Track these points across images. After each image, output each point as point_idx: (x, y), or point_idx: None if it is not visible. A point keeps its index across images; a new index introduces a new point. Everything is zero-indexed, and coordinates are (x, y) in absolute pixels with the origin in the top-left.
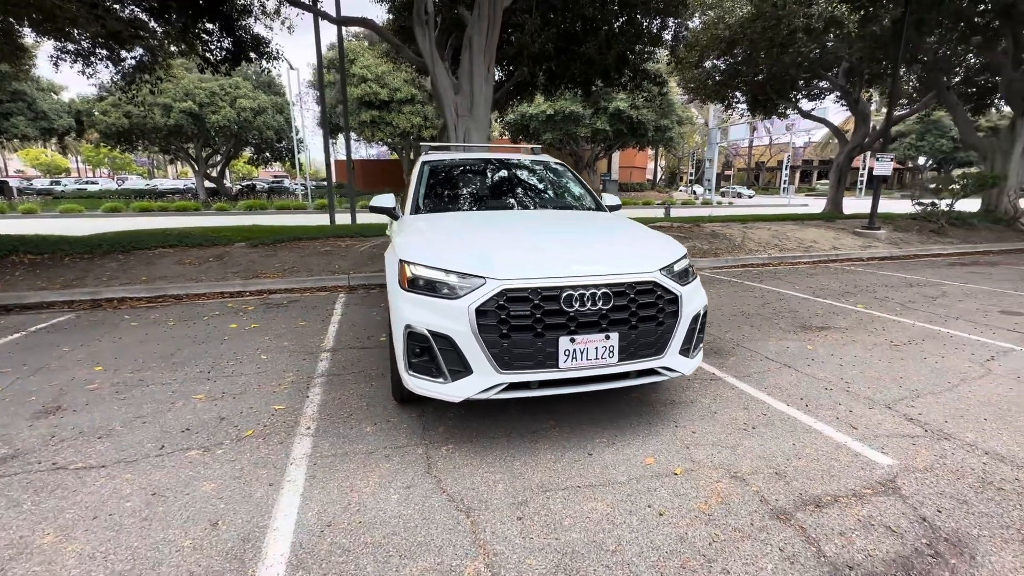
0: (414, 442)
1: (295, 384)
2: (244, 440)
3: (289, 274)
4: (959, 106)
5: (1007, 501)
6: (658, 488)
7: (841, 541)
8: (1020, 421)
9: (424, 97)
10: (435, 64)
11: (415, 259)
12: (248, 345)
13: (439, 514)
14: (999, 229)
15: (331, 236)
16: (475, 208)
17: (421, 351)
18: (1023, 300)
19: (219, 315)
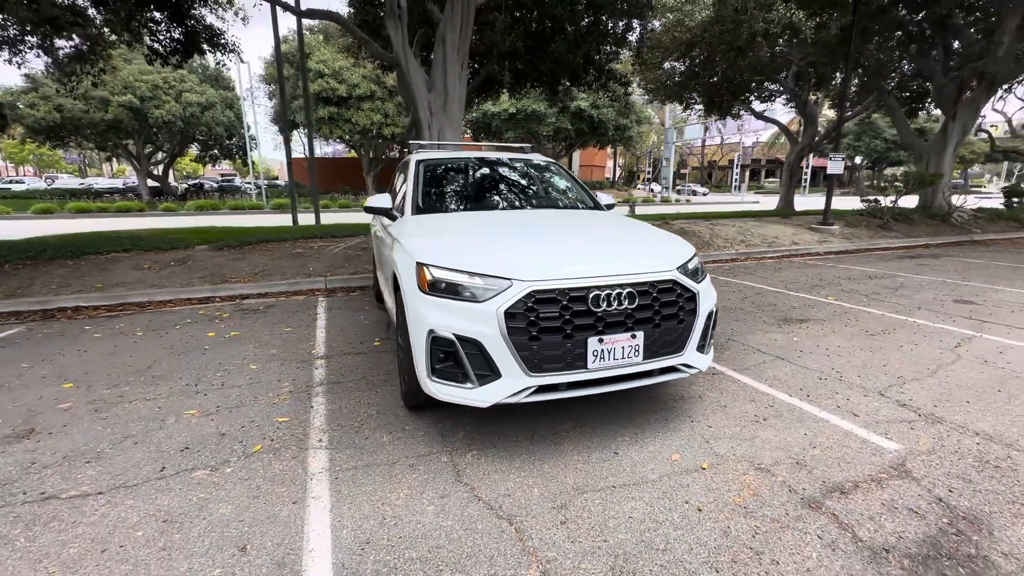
0: (436, 450)
1: (294, 394)
2: (253, 456)
3: (261, 278)
4: (898, 109)
5: (1006, 478)
6: (690, 484)
7: (872, 525)
8: (997, 402)
9: (384, 94)
10: (408, 61)
11: (435, 261)
12: (233, 354)
13: (481, 523)
14: (935, 224)
15: (300, 238)
16: (479, 208)
17: (445, 356)
18: (971, 289)
19: (192, 323)
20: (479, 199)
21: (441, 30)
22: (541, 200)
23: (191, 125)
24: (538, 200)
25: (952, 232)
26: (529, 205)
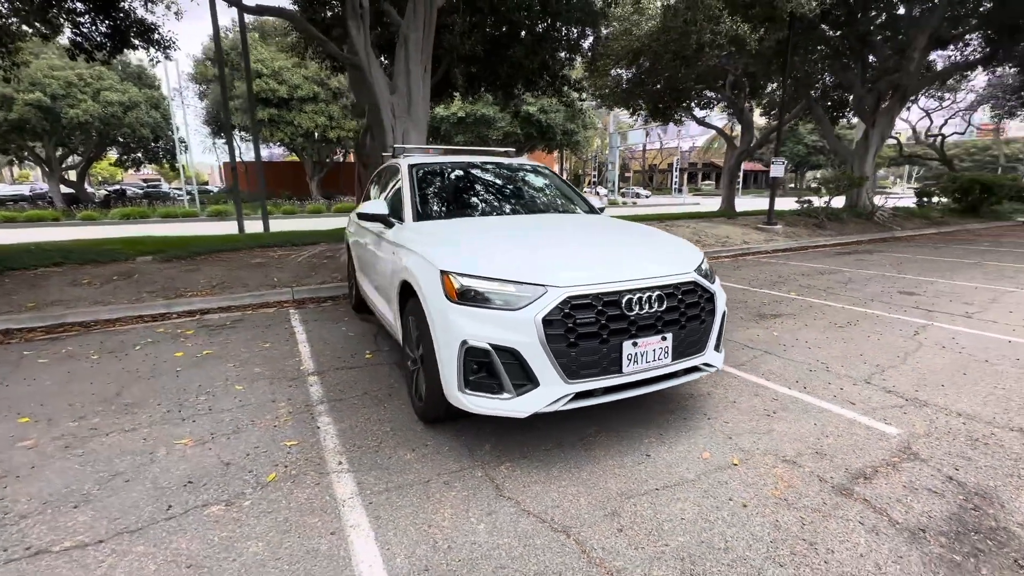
0: (467, 465)
1: (294, 415)
2: (270, 486)
3: (222, 291)
4: (824, 117)
5: (998, 453)
6: (728, 481)
7: (902, 508)
8: (966, 384)
9: (328, 96)
10: (370, 62)
11: (462, 269)
12: (212, 375)
13: (538, 538)
14: (861, 222)
15: (256, 247)
16: (482, 213)
17: (479, 367)
18: (909, 282)
19: (153, 343)
20: (480, 204)
21: (403, 31)
22: (540, 204)
23: (111, 126)
24: (538, 204)
25: (877, 229)
26: (530, 210)
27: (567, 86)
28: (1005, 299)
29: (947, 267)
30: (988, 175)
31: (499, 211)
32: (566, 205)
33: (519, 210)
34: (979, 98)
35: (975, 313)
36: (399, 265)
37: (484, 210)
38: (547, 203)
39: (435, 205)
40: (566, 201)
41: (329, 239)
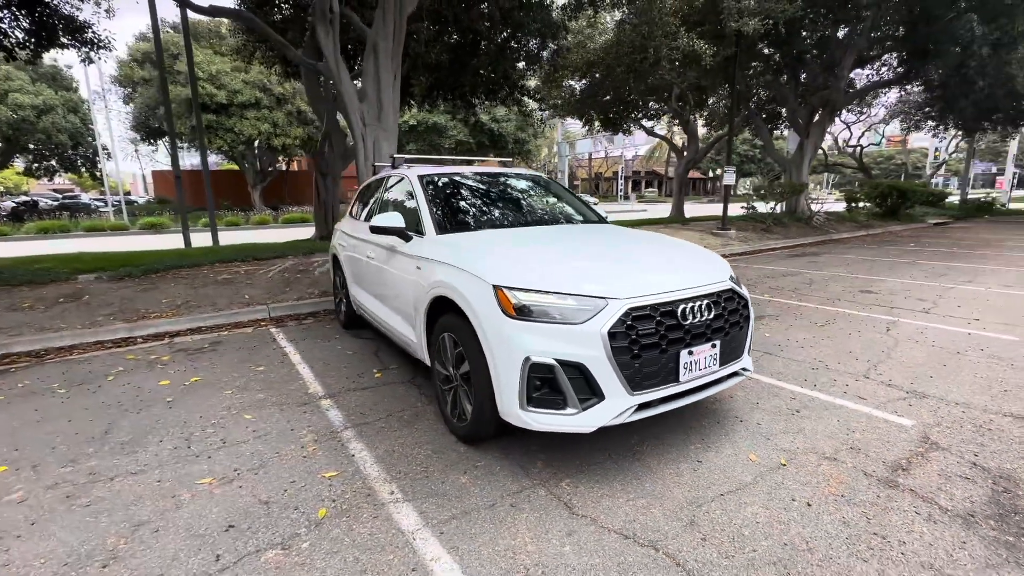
0: (527, 484)
1: (320, 443)
2: (324, 524)
3: (188, 310)
4: (764, 128)
5: (1003, 438)
6: (784, 481)
7: (945, 495)
8: (950, 375)
9: (272, 102)
10: (340, 68)
11: (519, 284)
12: (211, 404)
13: (629, 555)
14: (801, 226)
15: (214, 261)
16: (505, 225)
17: (542, 383)
18: (863, 281)
19: (126, 371)
20: (498, 216)
21: (372, 37)
22: (558, 215)
23: (21, 132)
24: (555, 215)
25: (817, 233)
26: (549, 221)
27: (526, 96)
28: (950, 295)
29: (889, 267)
30: (904, 182)
31: (520, 222)
32: (581, 215)
33: (540, 221)
34: (890, 112)
35: (930, 309)
36: (429, 280)
37: (505, 221)
38: (564, 214)
39: (454, 217)
40: (578, 211)
41: (296, 252)
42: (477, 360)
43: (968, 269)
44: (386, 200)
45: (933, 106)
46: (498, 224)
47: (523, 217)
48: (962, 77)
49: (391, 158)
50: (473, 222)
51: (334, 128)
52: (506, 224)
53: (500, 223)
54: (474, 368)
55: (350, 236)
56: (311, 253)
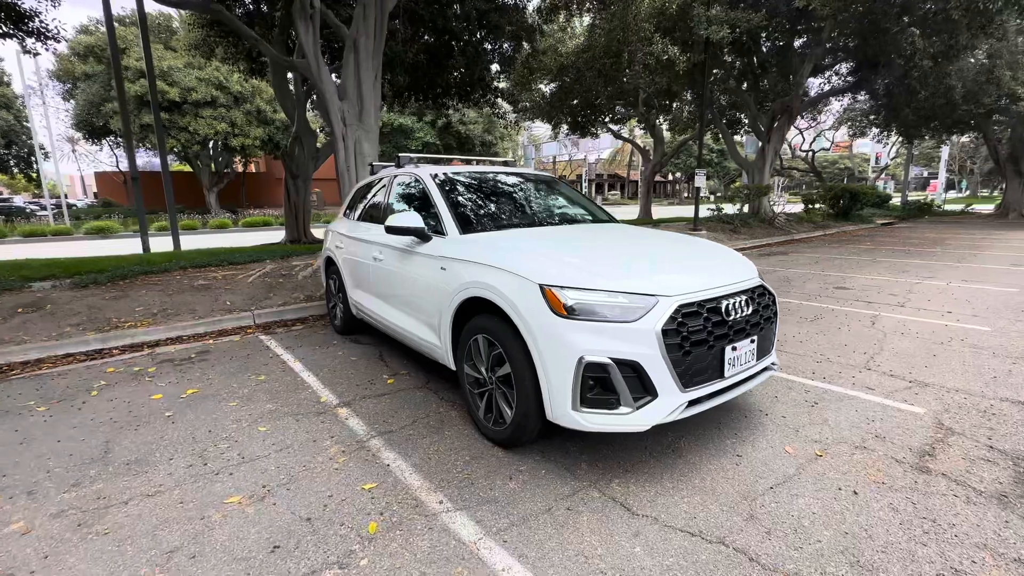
0: (577, 486)
1: (349, 454)
2: (378, 539)
3: (166, 319)
4: (727, 133)
5: (1007, 421)
6: (826, 472)
7: (976, 478)
8: (940, 364)
9: (229, 100)
10: (320, 66)
11: (569, 283)
12: (217, 417)
13: (701, 554)
14: (765, 227)
15: (186, 267)
16: (527, 224)
17: (595, 383)
18: (836, 278)
19: (110, 385)
20: (520, 215)
21: (353, 35)
22: (574, 214)
23: None
24: (573, 215)
25: (779, 233)
26: (568, 220)
27: (500, 98)
28: (918, 290)
29: (855, 264)
30: (856, 185)
31: (541, 221)
32: (596, 214)
33: (559, 220)
34: (838, 119)
35: (905, 303)
36: (458, 281)
37: (526, 221)
38: (578, 213)
39: (475, 216)
40: (590, 210)
41: (273, 256)
42: (521, 362)
43: (925, 265)
44: (392, 200)
45: (879, 114)
46: (520, 223)
47: (542, 216)
48: (906, 87)
49: (396, 157)
50: (494, 221)
51: (304, 129)
52: (528, 223)
53: (522, 222)
54: (517, 370)
55: (349, 237)
56: (288, 256)
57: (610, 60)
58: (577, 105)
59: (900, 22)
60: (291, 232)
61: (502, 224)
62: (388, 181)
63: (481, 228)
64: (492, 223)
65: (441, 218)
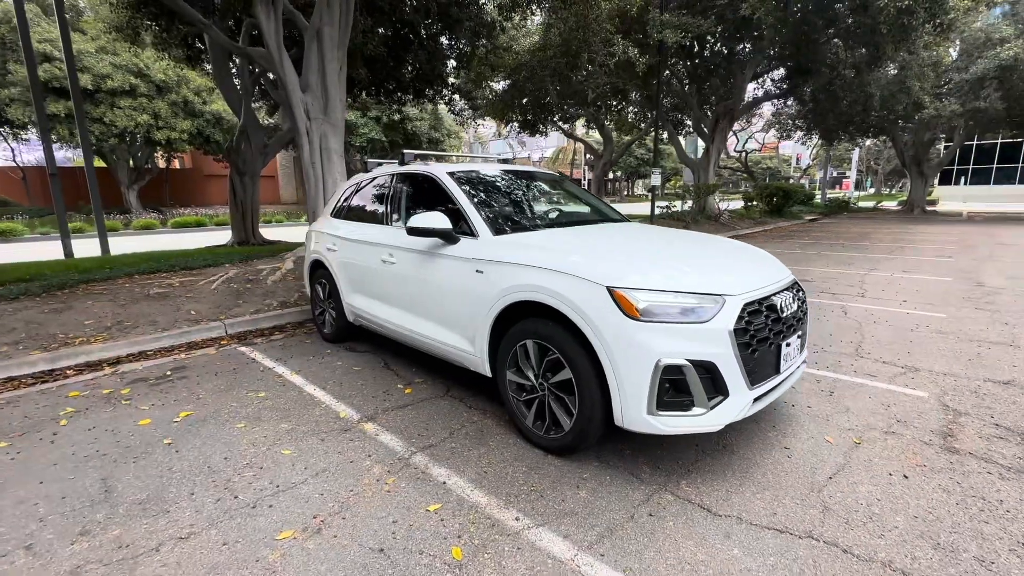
0: (649, 491)
1: (395, 472)
2: (469, 565)
3: (124, 333)
4: (675, 134)
5: (1001, 400)
6: (871, 458)
7: (999, 454)
8: (919, 349)
9: (151, 90)
10: (283, 56)
11: (639, 285)
12: (227, 443)
13: (798, 549)
14: (712, 223)
15: (132, 273)
16: (559, 224)
17: (671, 385)
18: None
19: (80, 412)
20: (547, 215)
21: (316, 24)
22: (596, 214)
23: None
24: (593, 214)
25: (726, 229)
26: (596, 219)
27: (457, 94)
28: (869, 281)
29: (803, 257)
30: (787, 184)
31: (569, 221)
32: (612, 214)
33: (585, 220)
34: (767, 122)
35: (864, 293)
36: (502, 284)
37: (556, 221)
38: (599, 212)
39: (504, 216)
40: (607, 210)
41: (232, 260)
42: (584, 367)
43: (865, 258)
44: (402, 200)
45: (805, 118)
46: (552, 223)
47: (569, 216)
48: (830, 94)
49: (400, 154)
50: (526, 222)
51: (251, 122)
52: (558, 224)
53: (552, 222)
54: (580, 375)
55: (345, 239)
56: (249, 260)
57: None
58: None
59: (826, 33)
60: (238, 233)
61: (534, 224)
62: (391, 180)
63: (513, 229)
64: (523, 223)
65: (469, 219)
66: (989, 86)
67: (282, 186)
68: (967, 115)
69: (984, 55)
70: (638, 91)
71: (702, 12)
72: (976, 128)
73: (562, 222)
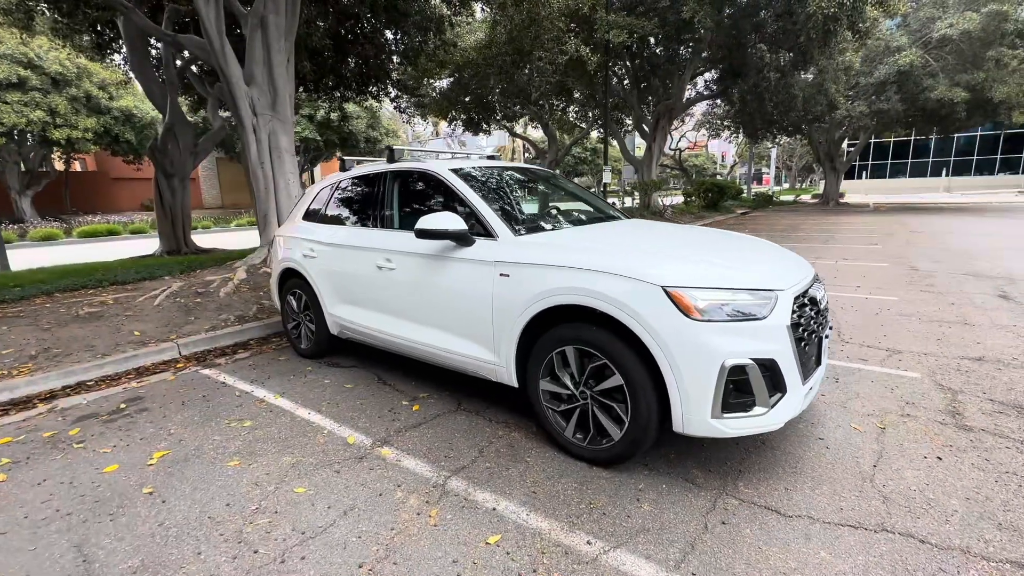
0: (712, 497)
1: (435, 503)
2: None
3: (55, 362)
4: (618, 132)
5: (983, 376)
6: (902, 443)
7: (1008, 428)
8: (893, 332)
9: (45, 82)
10: (224, 46)
11: (694, 283)
12: (224, 486)
13: (880, 544)
14: (657, 218)
15: (53, 292)
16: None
17: (734, 386)
18: None
19: (19, 461)
20: (561, 213)
21: (259, 10)
22: (602, 211)
23: None
24: (604, 212)
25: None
26: (607, 217)
27: (403, 91)
28: (818, 268)
29: None
30: (721, 180)
31: (584, 219)
32: (613, 210)
33: (598, 218)
34: (698, 121)
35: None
36: (534, 289)
37: (571, 219)
38: (606, 209)
39: (521, 216)
40: (607, 206)
41: (171, 271)
42: (638, 372)
43: (807, 248)
44: (397, 200)
45: (735, 117)
46: (569, 222)
47: (583, 214)
48: (757, 95)
49: (387, 149)
50: (543, 221)
51: (179, 118)
52: (577, 221)
53: (568, 221)
54: (633, 381)
55: (328, 245)
56: (192, 270)
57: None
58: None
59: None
60: (168, 241)
61: (552, 223)
62: (382, 178)
63: (533, 228)
64: (541, 223)
65: (484, 219)
66: (890, 89)
67: (204, 189)
68: (872, 115)
69: (884, 61)
70: (583, 90)
71: (645, 14)
72: (879, 127)
73: (580, 220)
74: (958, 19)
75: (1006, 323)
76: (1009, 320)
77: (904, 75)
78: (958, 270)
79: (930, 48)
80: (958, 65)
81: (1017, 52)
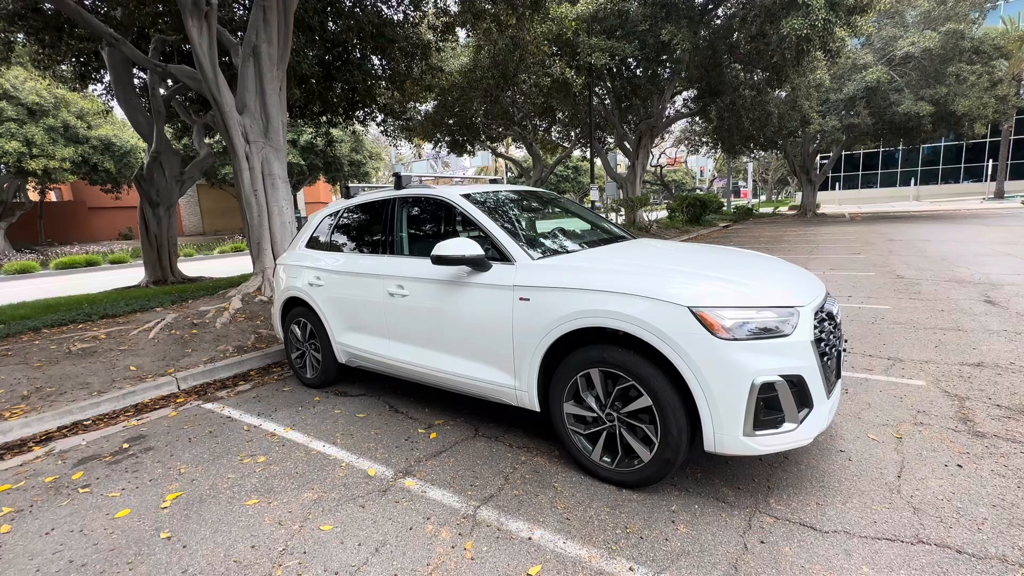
0: (746, 516)
1: (467, 535)
2: None
3: (49, 402)
4: (601, 150)
5: (985, 382)
6: (920, 451)
7: (1019, 433)
8: (891, 340)
9: (21, 112)
10: (217, 75)
11: (720, 303)
12: (248, 525)
13: (920, 557)
14: (643, 233)
15: (41, 327)
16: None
17: (765, 403)
18: None
19: (22, 510)
20: (573, 235)
21: (252, 41)
22: (609, 231)
23: None
24: (608, 232)
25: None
26: (616, 238)
27: (391, 116)
28: None
29: None
30: (703, 194)
31: (596, 240)
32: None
33: (607, 239)
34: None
35: None
36: (557, 312)
37: (584, 240)
38: (612, 230)
39: (535, 239)
40: (612, 226)
41: (160, 301)
42: (668, 392)
43: (792, 259)
44: (406, 226)
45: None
46: (583, 243)
47: (595, 235)
48: (734, 112)
49: (395, 175)
50: (559, 244)
51: (165, 147)
52: (592, 242)
53: (582, 242)
54: (663, 402)
55: (336, 272)
56: (185, 300)
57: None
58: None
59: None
60: (153, 271)
61: (565, 246)
62: (391, 205)
63: (550, 252)
64: (557, 246)
65: (500, 244)
66: (859, 104)
67: (185, 216)
68: (844, 129)
69: (852, 78)
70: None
71: (625, 37)
72: (850, 140)
73: (594, 241)
74: (919, 37)
75: (996, 328)
76: (999, 325)
77: (872, 91)
78: (941, 277)
79: (894, 65)
80: (921, 80)
81: (975, 68)
